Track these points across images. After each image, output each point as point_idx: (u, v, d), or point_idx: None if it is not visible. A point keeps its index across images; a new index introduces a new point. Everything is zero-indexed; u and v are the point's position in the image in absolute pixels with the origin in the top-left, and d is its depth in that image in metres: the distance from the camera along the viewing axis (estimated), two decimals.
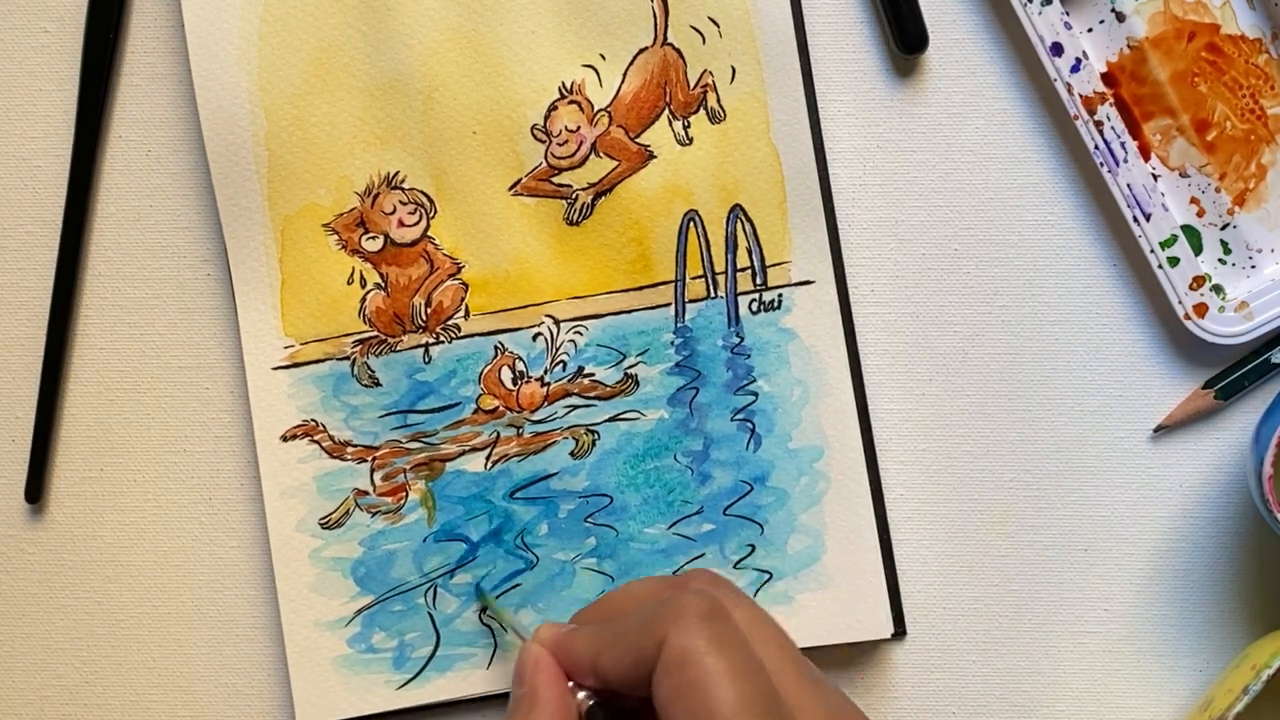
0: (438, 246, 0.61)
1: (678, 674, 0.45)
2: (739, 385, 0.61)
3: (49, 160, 0.62)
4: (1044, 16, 0.59)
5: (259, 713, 0.62)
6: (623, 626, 0.48)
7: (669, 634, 0.46)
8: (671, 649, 0.46)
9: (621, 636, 0.48)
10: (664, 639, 0.46)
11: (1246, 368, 0.61)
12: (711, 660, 0.45)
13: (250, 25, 0.60)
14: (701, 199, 0.60)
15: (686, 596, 0.47)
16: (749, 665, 0.46)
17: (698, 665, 0.45)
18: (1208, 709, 0.57)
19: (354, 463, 0.61)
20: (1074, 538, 0.62)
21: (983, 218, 0.62)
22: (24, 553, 0.63)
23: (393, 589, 0.61)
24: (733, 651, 0.46)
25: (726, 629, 0.46)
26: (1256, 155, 0.60)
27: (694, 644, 0.45)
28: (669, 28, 0.60)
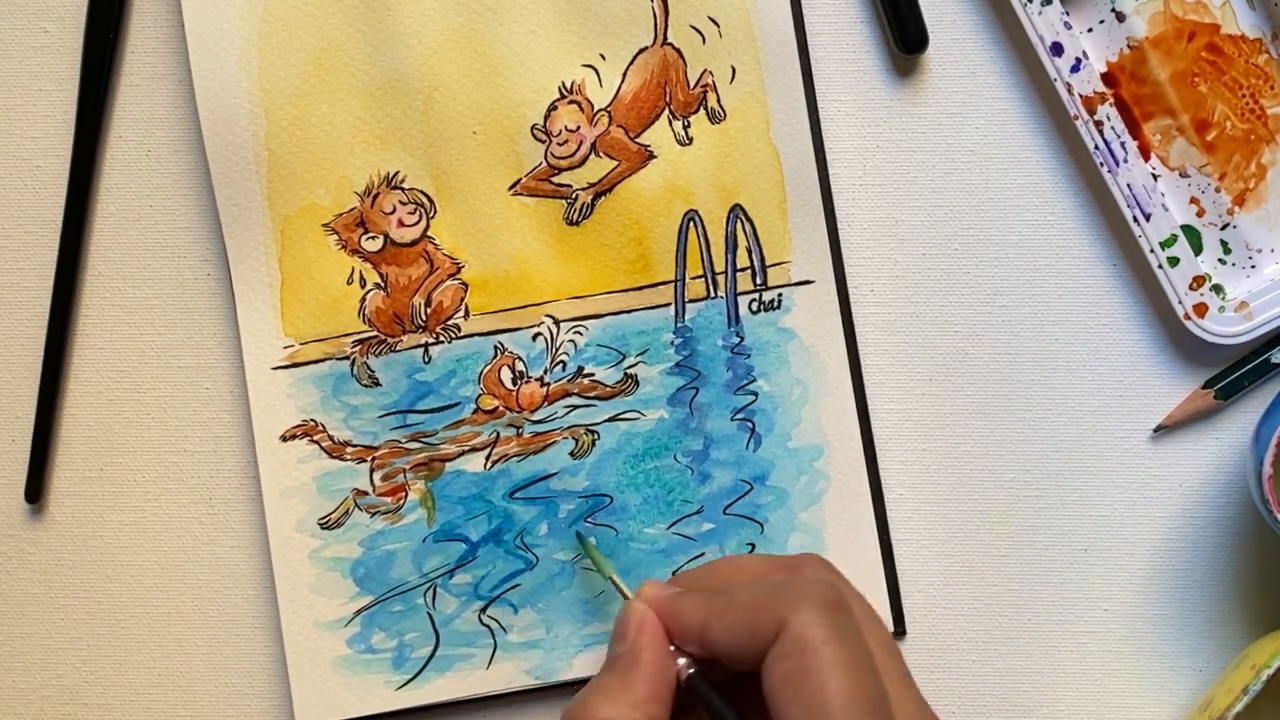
0: (437, 246, 0.61)
1: (796, 658, 0.45)
2: (739, 385, 0.61)
3: (49, 160, 0.62)
4: (1044, 16, 0.59)
5: (259, 713, 0.62)
6: (740, 598, 0.48)
7: (790, 616, 0.46)
8: (792, 632, 0.46)
9: (737, 608, 0.48)
10: (785, 620, 0.46)
11: (1246, 368, 0.61)
12: (831, 650, 0.45)
13: (250, 25, 0.60)
14: (701, 199, 0.60)
15: (810, 582, 0.47)
16: (865, 661, 0.46)
17: (816, 653, 0.45)
18: (1208, 709, 0.57)
19: (353, 463, 0.61)
20: (1074, 538, 0.62)
21: (983, 218, 0.62)
22: (24, 553, 0.63)
23: (392, 589, 0.61)
24: (851, 645, 0.46)
25: (848, 621, 0.47)
26: (1256, 155, 0.60)
27: (815, 631, 0.46)
28: (669, 27, 0.60)
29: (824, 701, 0.44)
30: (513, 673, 0.61)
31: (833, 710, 0.44)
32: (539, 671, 0.61)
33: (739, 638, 0.47)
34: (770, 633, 0.46)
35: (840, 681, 0.45)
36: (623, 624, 0.51)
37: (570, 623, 0.61)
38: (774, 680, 0.46)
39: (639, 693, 0.48)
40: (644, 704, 0.48)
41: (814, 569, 0.51)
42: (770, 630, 0.46)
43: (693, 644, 0.49)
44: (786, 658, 0.46)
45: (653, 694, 0.49)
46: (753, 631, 0.47)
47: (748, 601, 0.48)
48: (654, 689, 0.49)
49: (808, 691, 0.45)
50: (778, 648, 0.46)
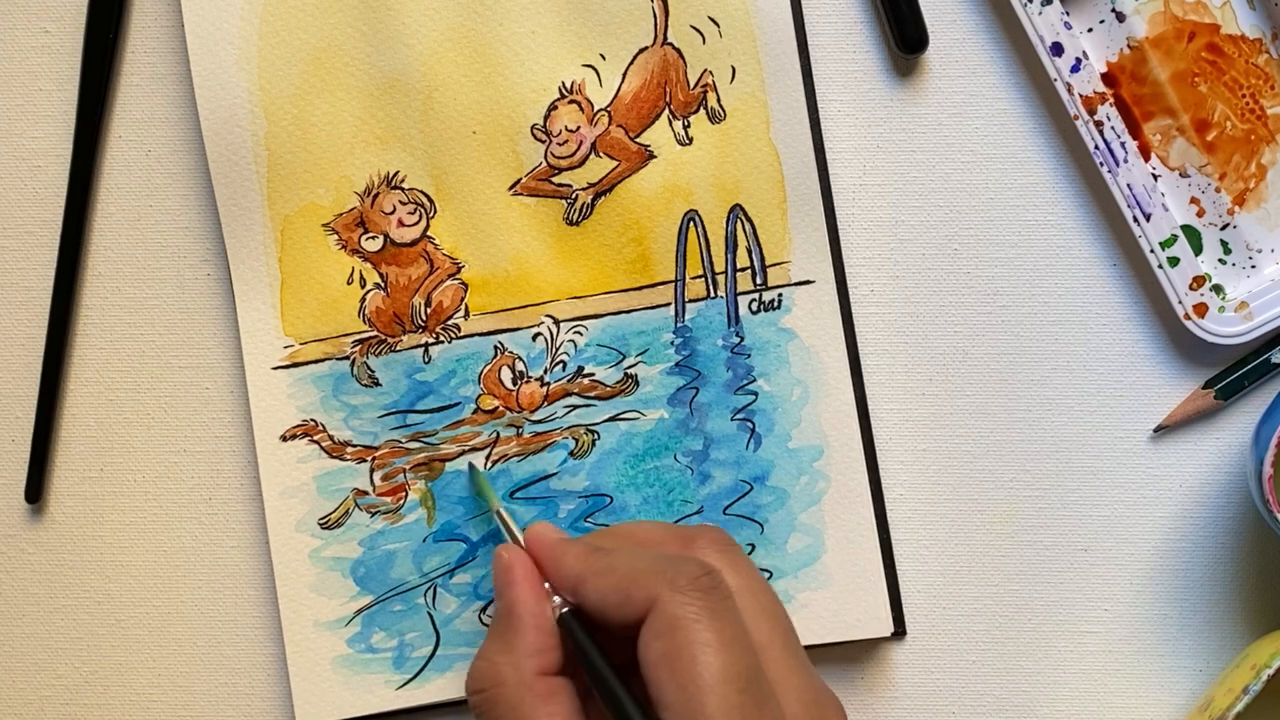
0: (437, 246, 0.61)
1: (668, 638, 0.46)
2: (739, 385, 0.61)
3: (49, 160, 0.62)
4: (1044, 16, 0.59)
5: (259, 713, 0.62)
6: (620, 563, 0.49)
7: (662, 594, 0.47)
8: (662, 611, 0.46)
9: (615, 572, 0.48)
10: (656, 597, 0.47)
11: (1246, 368, 0.61)
12: (700, 629, 0.46)
13: (250, 25, 0.60)
14: (701, 199, 0.60)
15: (686, 561, 0.48)
16: (737, 639, 0.46)
17: (686, 632, 0.46)
18: (1208, 709, 0.57)
19: (354, 463, 0.61)
20: (1074, 538, 0.62)
21: (983, 218, 0.62)
22: (24, 553, 0.63)
23: (392, 589, 0.61)
24: (722, 623, 0.46)
25: (720, 602, 0.47)
26: (1256, 155, 0.60)
27: (685, 610, 0.46)
28: (669, 27, 0.60)
29: (695, 678, 0.45)
30: None
31: (704, 688, 0.45)
32: None
33: (610, 602, 0.48)
34: (640, 606, 0.47)
35: (712, 659, 0.45)
36: (496, 574, 0.51)
37: None
38: (649, 659, 0.46)
39: (520, 647, 0.49)
40: (527, 658, 0.49)
41: (704, 544, 0.51)
42: (641, 603, 0.47)
43: (568, 594, 0.50)
44: (659, 636, 0.46)
45: (535, 645, 0.49)
46: (624, 598, 0.47)
47: (625, 569, 0.48)
48: (535, 640, 0.49)
49: (680, 670, 0.45)
50: (650, 625, 0.47)
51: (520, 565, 0.51)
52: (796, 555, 0.61)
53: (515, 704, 0.48)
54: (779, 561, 0.61)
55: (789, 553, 0.61)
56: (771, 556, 0.61)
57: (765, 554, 0.61)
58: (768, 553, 0.61)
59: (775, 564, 0.61)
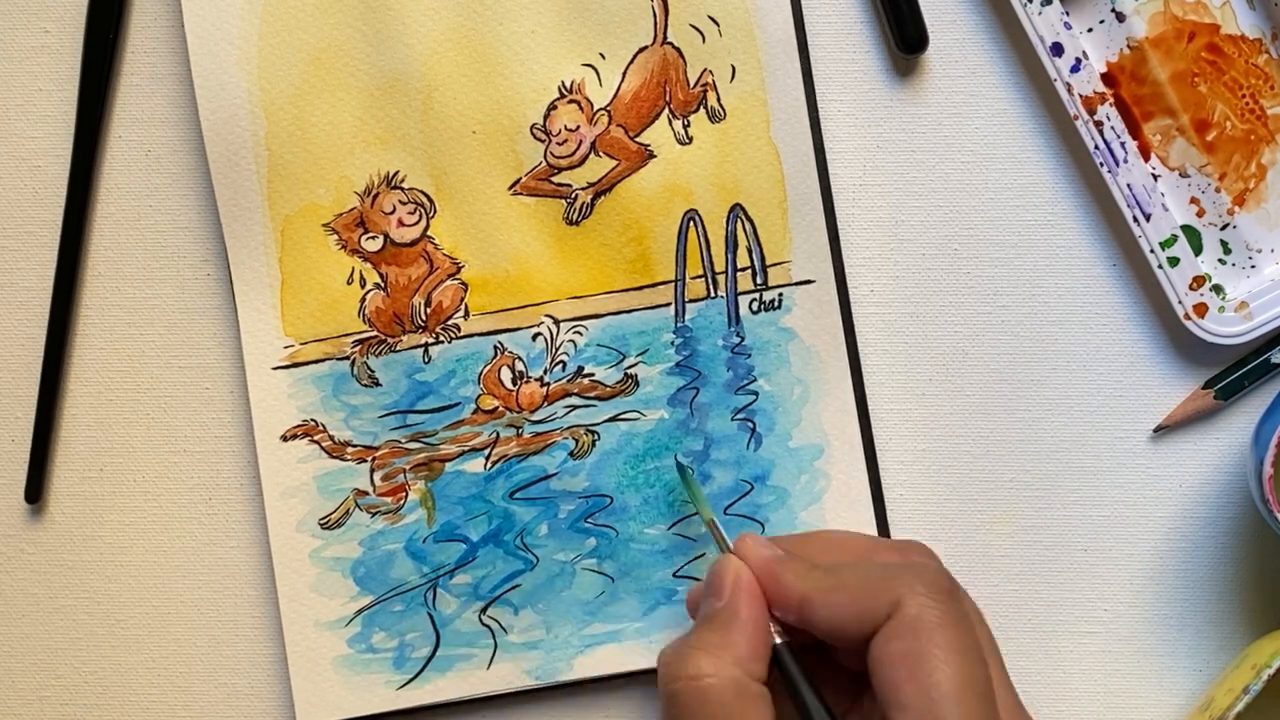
0: (437, 246, 0.61)
1: (910, 639, 0.46)
2: (739, 385, 0.61)
3: (49, 160, 0.62)
4: (1044, 16, 0.59)
5: (259, 713, 0.62)
6: (849, 577, 0.49)
7: (905, 597, 0.47)
8: (907, 613, 0.46)
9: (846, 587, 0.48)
10: (900, 600, 0.47)
11: (1246, 368, 0.61)
12: (946, 635, 0.46)
13: (250, 25, 0.60)
14: (701, 198, 0.60)
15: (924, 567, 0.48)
16: (976, 649, 0.47)
17: (931, 636, 0.46)
18: (1208, 709, 0.57)
19: (354, 463, 0.61)
20: (1074, 538, 0.62)
21: (983, 218, 0.62)
22: (24, 553, 0.63)
23: (393, 589, 0.61)
24: (964, 632, 0.47)
25: (959, 607, 0.47)
26: (1256, 155, 0.60)
27: (931, 614, 0.46)
28: (669, 27, 0.60)
29: (937, 684, 0.45)
30: (513, 673, 0.61)
31: (945, 693, 0.45)
32: (539, 672, 0.61)
33: (845, 616, 0.48)
34: (880, 614, 0.47)
35: (954, 666, 0.45)
36: (718, 577, 0.51)
37: (570, 624, 0.61)
38: (885, 658, 0.46)
39: (741, 650, 0.49)
40: (746, 662, 0.49)
41: (920, 554, 0.51)
42: (880, 612, 0.47)
43: (789, 613, 0.50)
44: (900, 637, 0.46)
45: (754, 652, 0.49)
46: (861, 610, 0.47)
47: (857, 581, 0.48)
48: (755, 648, 0.49)
49: (922, 673, 0.45)
50: (891, 626, 0.46)
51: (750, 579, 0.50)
52: None
53: (726, 702, 0.48)
54: None
55: None
56: None
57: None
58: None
59: None
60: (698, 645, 0.49)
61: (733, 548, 0.53)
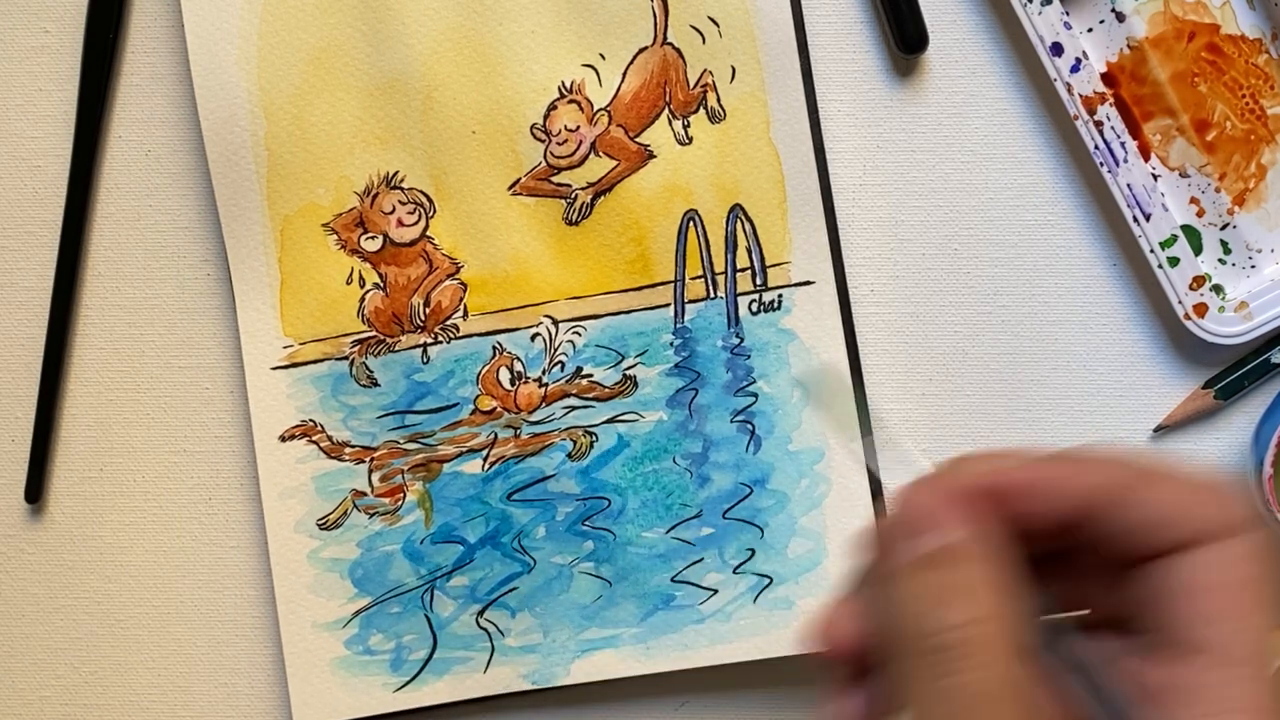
0: (437, 246, 0.61)
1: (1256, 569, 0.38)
2: (739, 386, 0.61)
3: (49, 160, 0.62)
4: (1044, 16, 0.59)
5: (257, 713, 0.62)
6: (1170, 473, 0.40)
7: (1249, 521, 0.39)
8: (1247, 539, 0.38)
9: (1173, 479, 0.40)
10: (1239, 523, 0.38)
11: (1246, 368, 0.60)
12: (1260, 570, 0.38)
13: (250, 25, 0.60)
14: (701, 199, 0.60)
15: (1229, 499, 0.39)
16: None
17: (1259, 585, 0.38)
18: None
19: (352, 463, 0.61)
20: None
21: (983, 218, 0.61)
22: (24, 553, 0.63)
23: (390, 591, 0.61)
24: None
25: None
26: (1256, 155, 0.60)
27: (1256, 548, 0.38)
28: (669, 27, 0.60)
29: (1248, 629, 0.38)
30: (510, 676, 0.61)
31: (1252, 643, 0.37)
32: (536, 676, 0.61)
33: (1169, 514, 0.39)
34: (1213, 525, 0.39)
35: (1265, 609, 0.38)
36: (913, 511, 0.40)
37: (567, 628, 0.61)
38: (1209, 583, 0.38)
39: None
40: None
41: None
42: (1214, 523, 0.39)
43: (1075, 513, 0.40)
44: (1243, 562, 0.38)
45: None
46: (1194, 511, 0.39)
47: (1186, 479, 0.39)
48: None
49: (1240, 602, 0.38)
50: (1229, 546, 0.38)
51: None
52: (798, 560, 0.60)
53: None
54: (780, 566, 0.60)
55: (790, 557, 0.60)
56: (772, 561, 0.61)
57: (765, 559, 0.61)
58: (768, 557, 0.61)
59: (776, 569, 0.60)
60: None
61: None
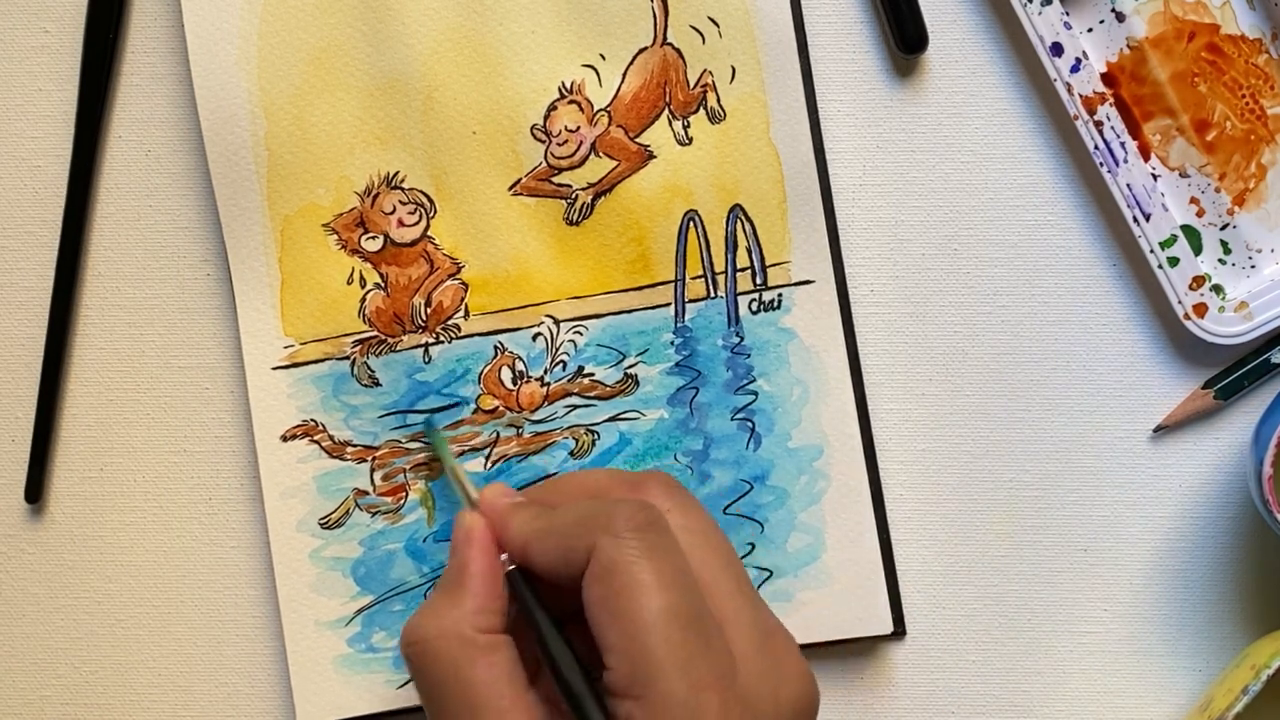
0: (437, 246, 0.61)
1: (607, 581, 0.46)
2: (739, 385, 0.61)
3: (49, 160, 0.62)
4: (1044, 16, 0.59)
5: (259, 712, 0.62)
6: (558, 521, 0.49)
7: (599, 541, 0.46)
8: (601, 556, 0.46)
9: (554, 531, 0.48)
10: (594, 545, 0.46)
11: (1246, 368, 0.61)
12: (639, 569, 0.45)
13: (250, 25, 0.60)
14: (701, 199, 0.60)
15: (623, 506, 0.48)
16: (677, 577, 0.46)
17: (624, 573, 0.45)
18: (1208, 709, 0.57)
19: (354, 463, 0.61)
20: (1074, 538, 0.62)
21: (983, 218, 0.62)
22: (24, 553, 0.63)
23: (393, 589, 0.61)
24: (660, 562, 0.46)
25: (659, 540, 0.47)
26: (1256, 155, 0.60)
27: (624, 552, 0.46)
28: (669, 27, 0.60)
29: (635, 619, 0.45)
30: None
31: (645, 627, 0.45)
32: None
33: (553, 561, 0.48)
34: (582, 557, 0.47)
35: (651, 598, 0.45)
36: (454, 535, 0.51)
37: None
38: (590, 603, 0.46)
39: (466, 605, 0.49)
40: (471, 615, 0.48)
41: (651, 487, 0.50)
42: (582, 555, 0.47)
43: (518, 559, 0.50)
44: (598, 581, 0.46)
45: (481, 605, 0.49)
46: (566, 556, 0.47)
47: (563, 525, 0.48)
48: (481, 600, 0.49)
49: (621, 611, 0.45)
50: (589, 573, 0.46)
51: (480, 531, 0.51)
52: (796, 554, 0.61)
53: (454, 656, 0.48)
54: (779, 560, 0.61)
55: (789, 552, 0.61)
56: (771, 556, 0.61)
57: (765, 553, 0.61)
58: (768, 552, 0.61)
59: (775, 563, 0.61)
60: (425, 609, 0.49)
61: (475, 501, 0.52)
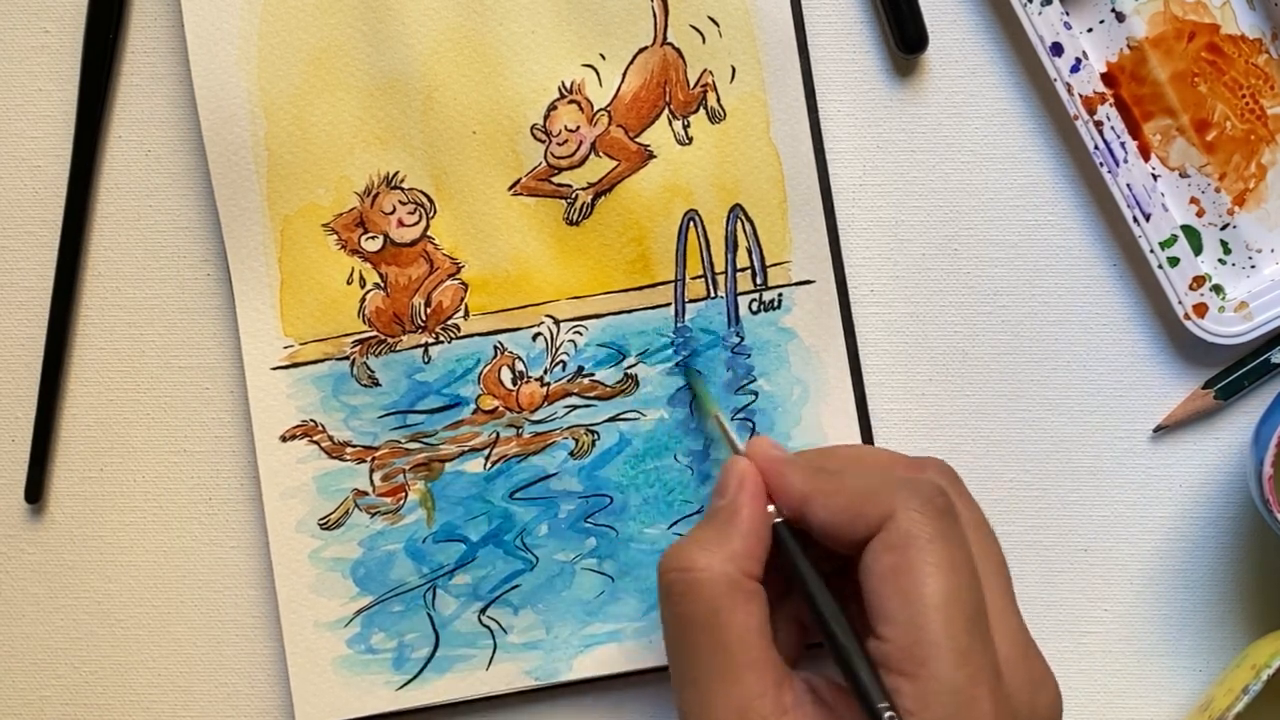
0: (437, 246, 0.61)
1: (900, 552, 0.46)
2: (739, 385, 0.61)
3: (49, 160, 0.62)
4: (1044, 16, 0.59)
5: (259, 713, 0.62)
6: (850, 481, 0.49)
7: (899, 510, 0.47)
8: (898, 526, 0.47)
9: (845, 490, 0.49)
10: (892, 513, 0.47)
11: (1246, 368, 0.61)
12: (934, 549, 0.46)
13: (250, 25, 0.60)
14: (701, 199, 0.60)
15: (926, 483, 0.48)
16: (966, 566, 0.47)
17: (921, 550, 0.46)
18: (1208, 709, 0.57)
19: (353, 463, 0.61)
20: (1074, 538, 0.62)
21: (983, 218, 0.62)
22: (24, 553, 0.63)
23: (392, 590, 0.61)
24: (954, 549, 0.47)
25: (955, 527, 0.47)
26: (1256, 155, 0.60)
27: (922, 529, 0.47)
28: (669, 27, 0.60)
29: (922, 597, 0.45)
30: (513, 674, 0.61)
31: (930, 607, 0.45)
32: (539, 672, 0.61)
33: (840, 519, 0.48)
34: (873, 522, 0.47)
35: (941, 580, 0.46)
36: (726, 477, 0.51)
37: (570, 624, 0.61)
38: (875, 569, 0.47)
39: (735, 546, 0.49)
40: (739, 558, 0.49)
41: (934, 472, 0.51)
42: (874, 519, 0.47)
43: (791, 512, 0.50)
44: (891, 550, 0.46)
45: (748, 550, 0.49)
46: (855, 516, 0.48)
47: (858, 486, 0.49)
48: (750, 545, 0.49)
49: (909, 586, 0.46)
50: (882, 538, 0.47)
51: (754, 477, 0.51)
52: None
53: (717, 595, 0.48)
54: None
55: None
56: None
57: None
58: None
59: None
60: (694, 540, 0.50)
61: (743, 449, 0.53)
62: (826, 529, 0.49)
